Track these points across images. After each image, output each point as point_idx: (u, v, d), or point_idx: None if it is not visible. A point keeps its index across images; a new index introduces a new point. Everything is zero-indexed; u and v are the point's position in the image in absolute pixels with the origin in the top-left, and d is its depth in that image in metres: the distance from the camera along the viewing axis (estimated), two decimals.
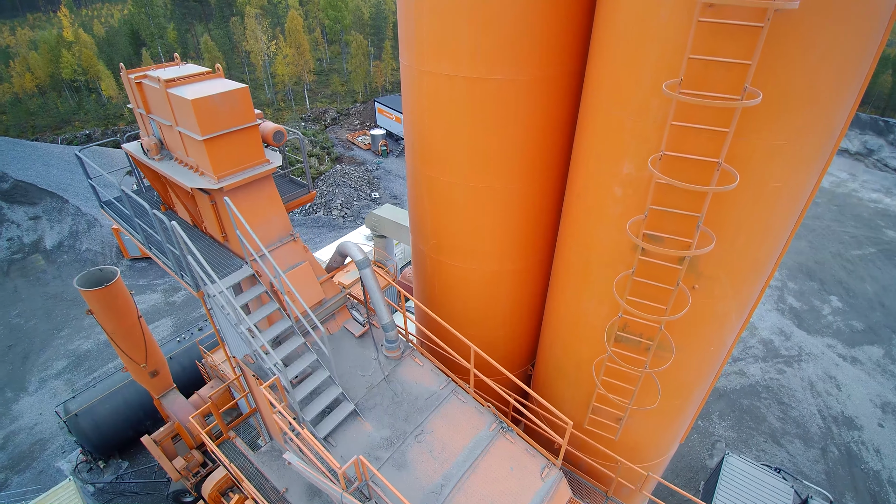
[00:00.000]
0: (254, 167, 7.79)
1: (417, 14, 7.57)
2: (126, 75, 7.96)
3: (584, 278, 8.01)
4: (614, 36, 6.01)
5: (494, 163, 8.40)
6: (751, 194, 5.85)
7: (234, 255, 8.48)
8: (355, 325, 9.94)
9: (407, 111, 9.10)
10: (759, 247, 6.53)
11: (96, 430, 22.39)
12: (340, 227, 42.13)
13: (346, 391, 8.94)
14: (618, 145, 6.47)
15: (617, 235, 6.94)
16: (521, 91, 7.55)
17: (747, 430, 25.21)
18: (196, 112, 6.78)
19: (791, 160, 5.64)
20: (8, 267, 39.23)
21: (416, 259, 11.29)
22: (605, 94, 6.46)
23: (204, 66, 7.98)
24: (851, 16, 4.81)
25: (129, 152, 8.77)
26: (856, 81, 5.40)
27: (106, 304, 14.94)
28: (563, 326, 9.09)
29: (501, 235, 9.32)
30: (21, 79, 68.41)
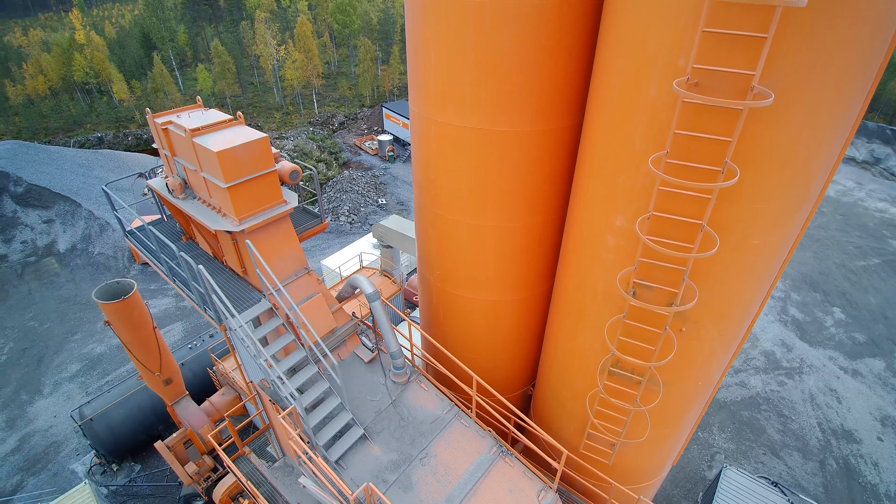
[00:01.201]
0: (272, 208, 8.34)
1: (425, 68, 8.08)
2: (152, 119, 8.50)
3: (579, 316, 8.50)
4: (609, 103, 6.49)
5: (496, 204, 8.92)
6: (733, 251, 6.33)
7: (253, 289, 9.03)
8: (365, 351, 10.47)
9: (415, 152, 9.63)
10: (742, 296, 7.00)
11: (110, 435, 23.04)
12: (348, 234, 42.67)
13: (356, 415, 9.47)
14: (611, 199, 6.95)
15: (610, 280, 7.42)
16: (522, 141, 8.06)
17: (747, 442, 25.54)
18: (220, 163, 7.33)
19: (770, 220, 6.11)
20: (22, 269, 40.01)
21: (422, 286, 11.82)
22: (599, 151, 6.95)
23: (215, 68, 8.47)
24: (825, 101, 5.28)
25: (154, 188, 9.31)
26: (832, 151, 5.85)
27: (123, 316, 15.48)
28: (560, 358, 9.59)
29: (502, 269, 9.83)
30: (34, 81, 69.46)
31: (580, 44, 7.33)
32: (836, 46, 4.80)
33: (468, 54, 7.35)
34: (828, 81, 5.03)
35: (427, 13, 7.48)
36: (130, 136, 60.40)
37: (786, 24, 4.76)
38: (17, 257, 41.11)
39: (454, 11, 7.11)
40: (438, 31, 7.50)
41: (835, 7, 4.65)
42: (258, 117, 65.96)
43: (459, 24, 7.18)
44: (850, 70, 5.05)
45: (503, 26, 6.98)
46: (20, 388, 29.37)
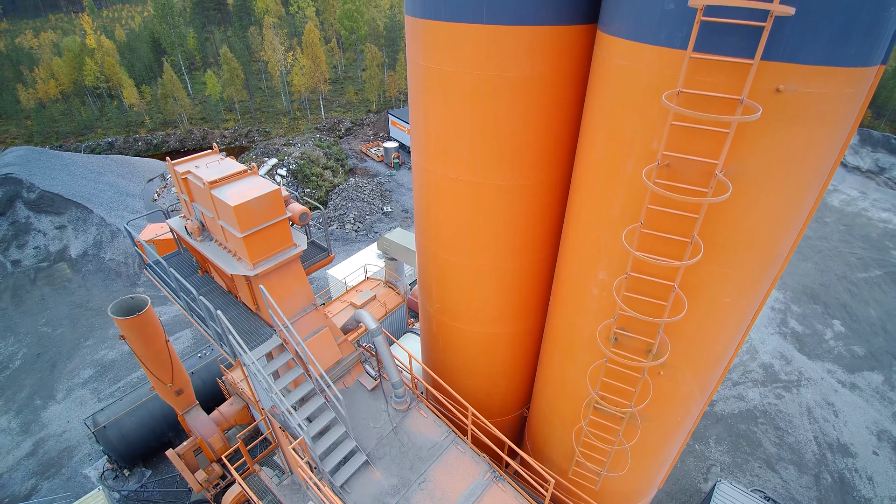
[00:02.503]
0: (284, 252, 8.98)
1: (426, 126, 8.72)
2: (172, 167, 9.15)
3: (568, 354, 9.10)
4: (592, 170, 7.08)
5: (491, 247, 9.55)
6: (705, 308, 6.88)
7: (265, 324, 9.68)
8: (368, 379, 11.10)
9: (417, 197, 10.29)
10: (716, 346, 7.57)
11: (123, 441, 23.77)
12: (353, 241, 43.29)
13: (360, 442, 10.10)
14: (594, 254, 7.54)
15: (594, 327, 8.00)
16: (514, 193, 8.68)
17: (742, 455, 25.95)
18: (237, 215, 7.97)
19: (739, 283, 6.67)
20: (35, 275, 40.84)
21: (422, 317, 12.46)
22: (584, 211, 7.55)
23: (224, 73, 9.05)
24: (786, 189, 5.84)
25: (173, 228, 9.97)
26: (793, 227, 6.44)
27: (138, 331, 16.13)
28: (551, 390, 10.20)
29: (497, 304, 10.46)
30: (45, 85, 70.58)
31: (567, 109, 7.93)
32: (795, 142, 5.36)
33: (465, 117, 7.98)
34: (789, 171, 5.58)
35: (428, 79, 8.11)
36: (140, 141, 61.39)
37: (746, 126, 5.33)
38: (30, 262, 41.95)
39: (452, 81, 7.74)
40: (438, 95, 8.13)
41: (793, 110, 5.21)
42: (266, 122, 66.85)
43: (457, 92, 7.81)
44: (810, 160, 5.60)
45: (496, 95, 7.60)
46: (34, 393, 30.15)
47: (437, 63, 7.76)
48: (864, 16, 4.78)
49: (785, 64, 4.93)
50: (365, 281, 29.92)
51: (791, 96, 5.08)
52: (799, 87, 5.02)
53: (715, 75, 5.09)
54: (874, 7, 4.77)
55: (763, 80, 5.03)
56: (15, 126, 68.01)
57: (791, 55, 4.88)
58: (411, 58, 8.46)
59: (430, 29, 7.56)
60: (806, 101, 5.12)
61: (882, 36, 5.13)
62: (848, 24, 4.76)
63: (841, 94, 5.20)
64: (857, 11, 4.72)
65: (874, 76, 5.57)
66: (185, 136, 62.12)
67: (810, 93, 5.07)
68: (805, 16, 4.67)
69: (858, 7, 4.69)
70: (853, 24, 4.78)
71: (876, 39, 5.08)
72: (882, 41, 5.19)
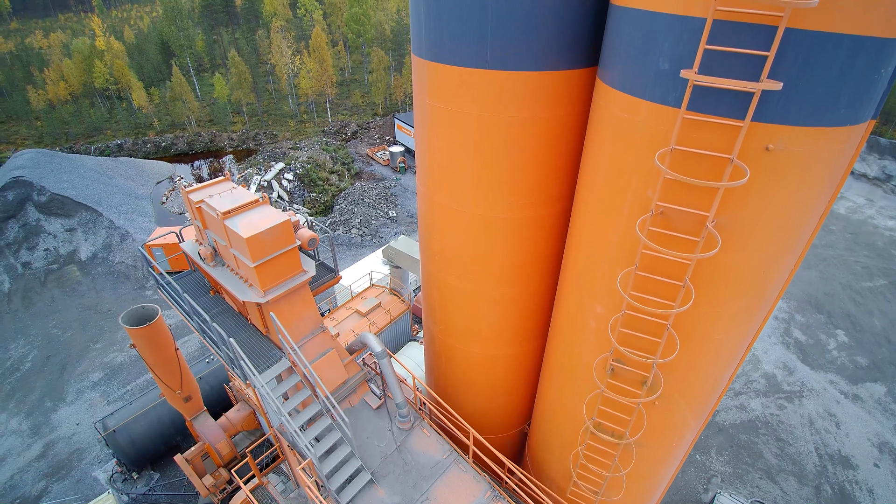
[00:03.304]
0: (293, 278, 9.29)
1: (431, 159, 9.04)
2: (186, 196, 9.48)
3: (567, 380, 9.37)
4: (590, 209, 7.35)
5: (494, 274, 9.85)
6: (698, 344, 7.13)
7: (275, 346, 10.00)
8: (373, 398, 11.40)
9: (421, 224, 10.62)
10: (709, 378, 7.81)
11: (132, 445, 24.21)
12: (359, 246, 43.63)
13: (364, 460, 10.41)
14: (592, 289, 7.81)
15: (592, 357, 8.27)
16: (517, 225, 8.97)
17: (743, 466, 26.08)
18: (249, 246, 8.29)
19: (730, 321, 6.92)
20: (45, 277, 41.36)
21: (426, 336, 12.77)
22: (583, 246, 7.82)
23: (232, 76, 9.26)
24: (774, 239, 6.09)
25: (187, 252, 10.31)
26: (782, 272, 6.69)
27: (148, 340, 16.48)
28: (550, 413, 10.49)
29: (499, 328, 10.76)
30: (55, 87, 71.31)
31: (568, 146, 8.20)
32: (784, 196, 5.61)
33: (469, 154, 8.28)
34: (778, 222, 5.82)
35: (434, 116, 8.41)
36: (149, 144, 61.99)
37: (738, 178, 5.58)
38: (40, 265, 42.49)
39: (457, 119, 8.03)
40: (443, 132, 8.44)
41: (782, 167, 5.46)
42: (273, 125, 67.33)
43: (461, 130, 8.11)
44: (799, 211, 5.84)
45: (499, 134, 7.90)
46: (44, 395, 30.60)
47: (442, 102, 8.06)
48: (852, 83, 5.01)
49: (774, 125, 5.18)
50: (370, 288, 30.27)
51: (780, 154, 5.33)
52: (788, 145, 5.27)
53: (707, 133, 5.34)
54: (862, 74, 5.01)
55: (753, 139, 5.28)
56: (25, 127, 68.80)
57: (780, 117, 5.13)
58: (418, 94, 8.75)
59: (436, 71, 7.85)
60: (794, 159, 5.37)
61: (871, 97, 5.36)
62: (835, 91, 5.00)
63: (829, 150, 5.44)
64: (845, 80, 4.96)
65: (864, 131, 5.81)
66: (194, 139, 62.68)
67: (799, 151, 5.32)
68: (793, 86, 4.92)
69: (845, 76, 4.93)
70: (840, 91, 5.02)
71: (865, 101, 5.32)
72: (871, 101, 5.42)
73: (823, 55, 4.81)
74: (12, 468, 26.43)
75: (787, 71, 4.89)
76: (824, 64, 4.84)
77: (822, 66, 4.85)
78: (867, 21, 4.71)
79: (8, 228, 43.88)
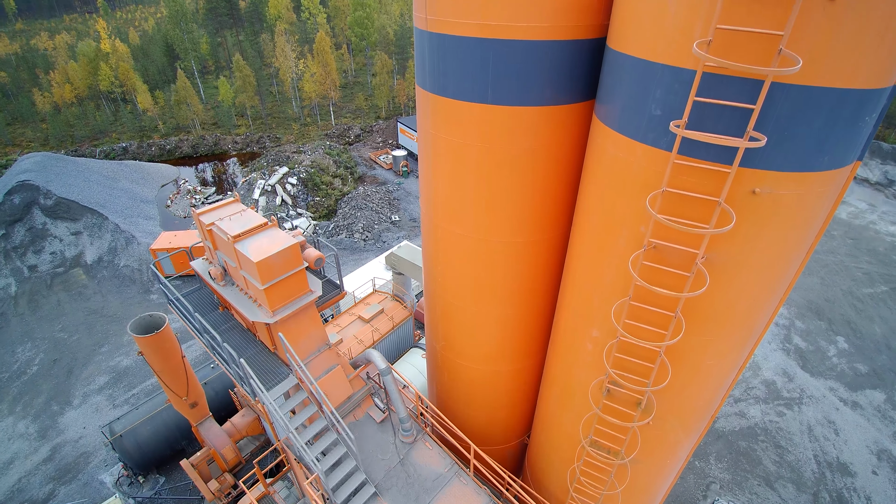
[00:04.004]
0: (301, 298, 9.60)
1: (435, 187, 9.36)
2: (198, 217, 9.80)
3: (565, 399, 9.66)
4: (587, 239, 7.64)
5: (496, 294, 10.16)
6: (689, 370, 7.41)
7: (282, 363, 10.31)
8: (377, 411, 11.71)
9: (425, 249, 10.97)
10: (700, 400, 8.09)
11: (138, 450, 24.56)
12: (362, 250, 43.93)
13: (369, 473, 10.71)
14: (588, 314, 8.10)
15: (588, 379, 8.55)
16: (517, 249, 9.28)
17: (742, 473, 26.29)
18: (259, 270, 8.61)
19: (720, 348, 7.20)
20: (51, 280, 41.72)
21: (429, 351, 13.09)
22: (580, 273, 8.11)
23: (236, 80, 9.54)
24: (758, 279, 6.37)
25: (197, 271, 10.63)
26: (768, 307, 6.99)
27: (156, 348, 16.81)
28: (548, 428, 10.81)
29: (499, 345, 11.07)
30: (60, 89, 71.82)
31: (567, 174, 8.49)
32: (770, 235, 5.89)
33: (471, 182, 8.61)
34: (764, 259, 6.10)
35: (437, 146, 8.72)
36: (154, 147, 62.42)
37: (724, 221, 5.86)
38: (46, 268, 42.86)
39: (460, 150, 8.34)
40: (446, 161, 8.76)
41: (768, 209, 5.74)
42: (277, 128, 67.73)
43: (464, 159, 8.43)
44: (785, 249, 6.11)
45: (500, 164, 8.21)
46: (51, 398, 30.93)
47: (445, 133, 8.36)
48: (837, 132, 5.29)
49: (760, 171, 5.45)
50: (373, 294, 30.58)
51: (766, 197, 5.60)
52: (774, 189, 5.54)
53: (697, 177, 5.62)
54: (846, 123, 5.27)
55: (740, 184, 5.56)
56: (31, 130, 69.35)
57: (766, 164, 5.40)
58: (422, 123, 9.05)
59: (439, 103, 8.15)
60: (780, 201, 5.64)
61: (856, 143, 5.63)
62: (820, 140, 5.28)
63: (814, 193, 5.71)
64: (829, 129, 5.24)
65: (850, 172, 6.08)
66: (198, 142, 63.10)
67: (785, 194, 5.59)
68: (778, 137, 5.20)
69: (830, 127, 5.20)
70: (825, 139, 5.29)
71: (850, 147, 5.59)
72: (856, 147, 5.69)
73: (808, 107, 5.08)
74: (20, 471, 26.78)
75: (773, 122, 5.16)
76: (809, 116, 5.12)
77: (807, 118, 5.12)
78: (851, 75, 4.99)
79: (14, 232, 44.30)
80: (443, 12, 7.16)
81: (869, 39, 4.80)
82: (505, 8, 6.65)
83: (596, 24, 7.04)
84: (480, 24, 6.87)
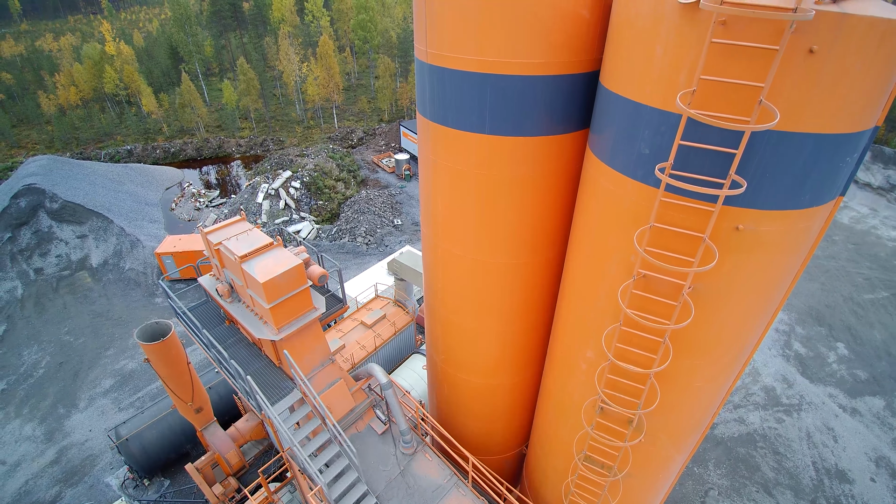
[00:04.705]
0: (305, 315, 9.91)
1: (435, 210, 9.66)
2: (205, 236, 10.11)
3: (560, 414, 9.95)
4: (581, 265, 7.93)
5: (495, 312, 10.47)
6: (679, 391, 7.69)
7: (286, 377, 10.62)
8: (379, 423, 12.01)
9: (426, 265, 11.26)
10: (690, 419, 8.38)
11: (144, 454, 24.92)
12: (364, 254, 44.24)
13: (370, 484, 11.01)
14: (583, 335, 8.39)
15: (583, 397, 8.84)
16: (514, 269, 9.59)
17: (741, 479, 26.47)
18: (265, 290, 8.92)
19: (708, 372, 7.48)
20: (57, 283, 42.09)
21: (430, 364, 13.41)
22: (574, 296, 8.40)
23: (240, 84, 9.80)
24: (744, 305, 6.65)
25: (205, 287, 10.94)
26: (753, 335, 7.26)
27: (162, 355, 17.12)
28: (544, 441, 11.11)
29: (497, 359, 11.38)
30: (66, 91, 72.33)
31: (562, 199, 8.79)
32: (754, 268, 6.17)
33: (470, 206, 8.93)
34: (749, 290, 6.37)
35: (437, 171, 9.02)
36: (158, 150, 62.86)
37: (708, 254, 6.13)
38: (52, 271, 43.23)
39: (459, 176, 8.64)
40: (446, 185, 9.07)
41: (751, 244, 6.01)
42: (280, 131, 68.11)
43: (463, 185, 8.73)
44: (768, 281, 6.38)
45: (497, 190, 8.50)
46: (57, 401, 31.27)
47: (444, 159, 8.66)
48: (817, 173, 5.55)
49: (743, 209, 5.73)
50: (375, 299, 30.88)
51: (749, 233, 5.87)
52: (756, 226, 5.81)
53: (683, 214, 5.89)
54: (826, 165, 5.54)
55: (724, 221, 5.83)
56: (36, 132, 69.87)
57: (748, 203, 5.67)
58: (422, 147, 9.35)
59: (439, 131, 8.44)
60: (763, 237, 5.91)
61: (837, 182, 5.89)
62: (801, 181, 5.54)
63: (796, 229, 5.98)
64: (810, 171, 5.50)
65: (832, 207, 6.34)
66: (202, 145, 63.53)
67: (767, 230, 5.86)
68: (760, 179, 5.47)
69: (810, 169, 5.47)
70: (806, 180, 5.56)
71: (831, 185, 5.85)
72: (837, 184, 5.95)
73: (789, 151, 5.35)
74: (27, 473, 27.12)
75: (754, 164, 5.43)
76: (789, 159, 5.38)
77: (787, 161, 5.39)
78: (830, 121, 5.25)
79: (21, 235, 44.72)
80: (442, 47, 7.44)
81: (847, 88, 5.06)
82: (501, 46, 6.93)
83: (590, 59, 7.32)
84: (478, 59, 7.15)
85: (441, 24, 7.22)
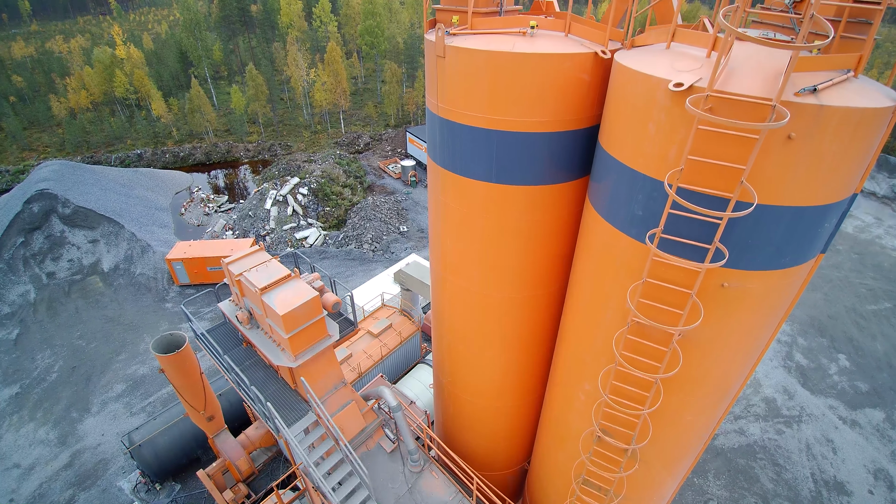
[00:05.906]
0: (320, 342, 10.50)
1: (443, 247, 10.25)
2: (227, 268, 10.72)
3: (560, 440, 10.51)
4: (580, 307, 8.49)
5: (498, 341, 11.09)
6: (670, 424, 8.22)
7: (301, 399, 11.22)
8: (388, 442, 12.60)
9: (434, 297, 11.85)
10: (681, 449, 8.93)
11: (156, 459, 25.56)
12: (370, 261, 44.81)
13: (380, 501, 11.59)
14: (581, 370, 8.95)
15: (581, 427, 9.39)
16: (517, 303, 10.16)
17: (740, 490, 26.85)
18: (284, 321, 9.52)
19: (698, 406, 8.01)
20: (69, 287, 42.81)
21: (436, 386, 14.02)
22: (573, 334, 8.98)
23: (248, 90, 10.35)
24: (731, 350, 7.17)
25: (224, 312, 11.55)
26: (741, 372, 7.79)
27: (177, 366, 17.75)
28: (545, 463, 11.69)
29: (501, 384, 11.97)
30: (76, 95, 73.24)
31: (563, 240, 9.35)
32: (739, 319, 6.69)
33: (476, 245, 9.53)
34: (735, 338, 6.90)
35: (446, 211, 9.61)
36: (168, 154, 63.70)
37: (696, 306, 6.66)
38: (64, 275, 43.94)
39: (466, 218, 9.23)
40: (454, 225, 9.68)
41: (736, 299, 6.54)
42: (288, 136, 68.82)
43: (469, 225, 9.31)
44: (753, 330, 6.91)
45: (502, 233, 9.12)
46: (70, 405, 31.90)
47: (453, 202, 9.23)
48: (796, 240, 6.07)
49: (728, 269, 6.26)
50: (381, 308, 31.47)
51: (734, 289, 6.40)
52: (741, 284, 6.34)
53: (673, 272, 6.42)
54: (805, 232, 6.05)
55: (711, 279, 6.36)
56: (47, 135, 70.86)
57: (733, 264, 6.19)
58: (432, 189, 9.94)
59: (448, 177, 9.01)
60: (747, 293, 6.43)
61: (816, 244, 6.41)
62: (780, 247, 6.06)
63: (778, 286, 6.50)
64: (789, 238, 6.02)
65: (813, 263, 6.85)
66: (211, 150, 64.32)
67: (751, 287, 6.39)
68: (742, 246, 6.00)
69: (790, 236, 5.99)
70: (785, 246, 6.08)
71: (810, 248, 6.37)
72: (817, 246, 6.47)
73: (769, 222, 5.87)
74: (41, 477, 27.75)
75: (738, 232, 5.97)
76: (770, 228, 5.90)
77: (767, 230, 5.91)
78: (807, 195, 5.77)
79: (34, 239, 45.51)
80: (453, 104, 8.01)
81: (824, 169, 5.57)
82: (509, 107, 7.49)
83: (590, 116, 7.87)
84: (486, 117, 7.72)
85: (453, 85, 7.79)
